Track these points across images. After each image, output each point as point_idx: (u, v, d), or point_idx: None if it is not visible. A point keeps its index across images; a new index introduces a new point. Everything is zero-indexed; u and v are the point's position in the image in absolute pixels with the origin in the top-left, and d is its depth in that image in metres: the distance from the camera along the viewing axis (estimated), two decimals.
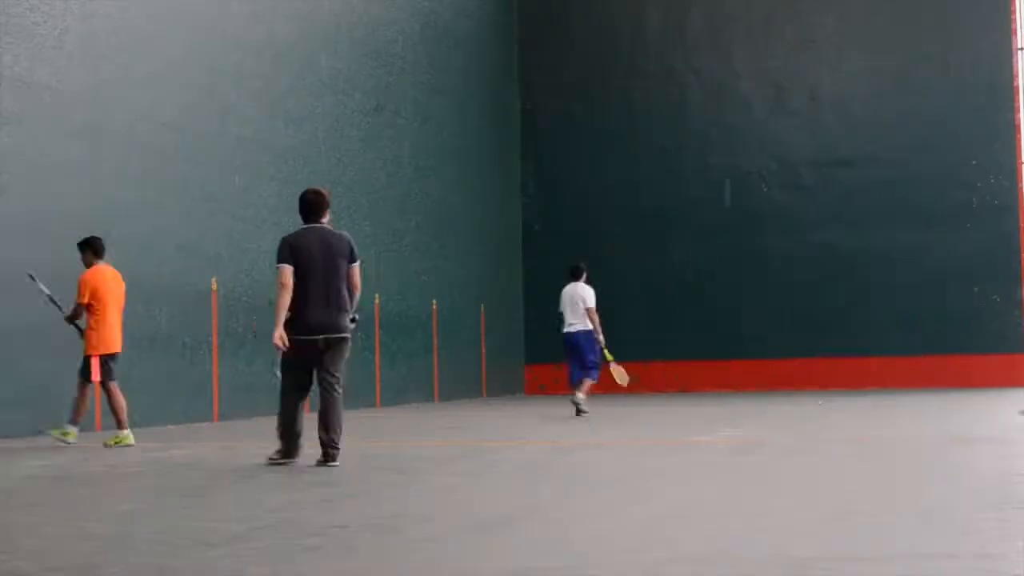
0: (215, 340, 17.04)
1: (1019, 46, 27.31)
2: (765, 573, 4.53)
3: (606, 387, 20.24)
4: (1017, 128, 27.02)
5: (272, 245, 18.26)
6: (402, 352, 22.42)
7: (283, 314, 9.34)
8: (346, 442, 9.77)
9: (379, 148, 21.95)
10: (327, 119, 20.26)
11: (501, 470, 9.02)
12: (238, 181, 17.78)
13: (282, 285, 9.35)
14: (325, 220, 9.61)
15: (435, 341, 23.69)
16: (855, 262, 26.93)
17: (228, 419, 17.00)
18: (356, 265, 9.58)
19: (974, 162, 27.06)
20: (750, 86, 28.23)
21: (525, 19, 29.33)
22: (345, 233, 9.67)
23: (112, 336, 12.47)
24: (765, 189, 27.97)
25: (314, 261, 9.35)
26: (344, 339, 9.52)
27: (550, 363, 28.75)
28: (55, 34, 14.41)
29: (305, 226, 9.57)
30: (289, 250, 9.40)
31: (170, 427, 15.30)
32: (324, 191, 9.80)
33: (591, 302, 17.53)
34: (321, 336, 9.38)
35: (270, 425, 15.06)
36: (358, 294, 9.60)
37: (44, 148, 14.23)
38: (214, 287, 17.04)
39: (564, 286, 18.08)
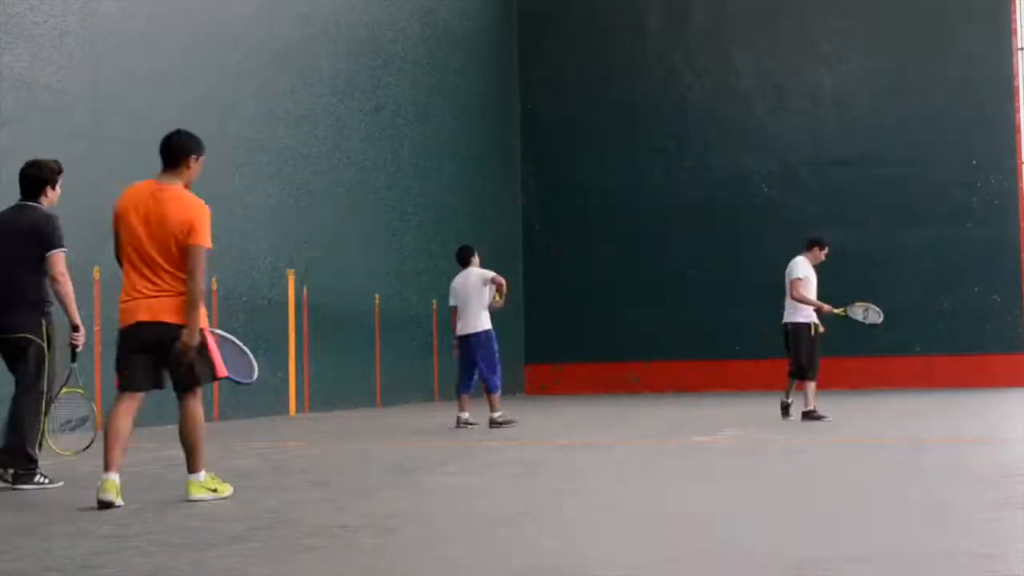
0: None
1: (1019, 46, 27.31)
2: (765, 573, 4.53)
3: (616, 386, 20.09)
4: (1017, 128, 27.02)
5: (272, 245, 18.33)
6: (402, 352, 22.42)
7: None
8: (346, 442, 9.75)
9: (379, 148, 21.96)
10: (327, 119, 20.26)
11: (501, 470, 9.01)
12: (238, 181, 17.78)
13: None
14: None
15: (435, 341, 23.69)
16: (855, 262, 26.93)
17: (228, 419, 17.00)
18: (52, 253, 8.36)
19: (974, 162, 27.07)
20: (750, 86, 28.24)
21: (525, 19, 29.33)
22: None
23: None
24: (765, 189, 27.98)
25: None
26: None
27: (550, 363, 28.79)
28: (55, 34, 14.41)
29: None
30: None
31: (170, 427, 15.28)
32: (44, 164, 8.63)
33: None
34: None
35: (271, 425, 15.09)
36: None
37: (44, 148, 14.22)
38: (214, 287, 17.04)
39: None
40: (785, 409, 14.89)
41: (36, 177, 8.53)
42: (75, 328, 8.49)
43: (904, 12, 27.78)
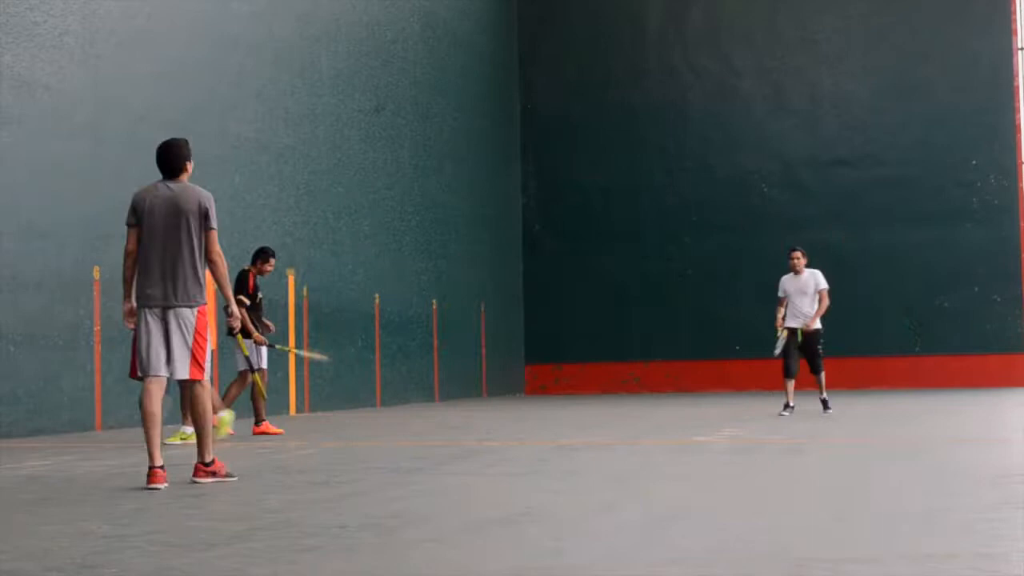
0: (215, 340, 17.03)
1: (1019, 46, 27.31)
2: (765, 573, 4.53)
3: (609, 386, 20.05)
4: (1017, 128, 27.02)
5: (272, 245, 18.31)
6: (402, 352, 22.42)
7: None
8: (346, 442, 9.74)
9: (379, 148, 21.95)
10: (327, 119, 20.26)
11: (501, 470, 9.01)
12: (238, 181, 17.78)
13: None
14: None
15: (435, 341, 23.69)
16: (855, 262, 26.92)
17: None
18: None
19: (974, 162, 27.07)
20: (750, 86, 28.23)
21: (525, 19, 29.33)
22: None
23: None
24: (765, 189, 27.97)
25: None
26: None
27: (550, 363, 28.79)
28: (55, 34, 14.41)
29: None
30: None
31: (170, 427, 15.28)
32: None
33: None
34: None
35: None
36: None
37: (44, 148, 14.23)
38: (214, 287, 17.03)
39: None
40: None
41: None
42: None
43: (904, 12, 27.78)
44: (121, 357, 15.06)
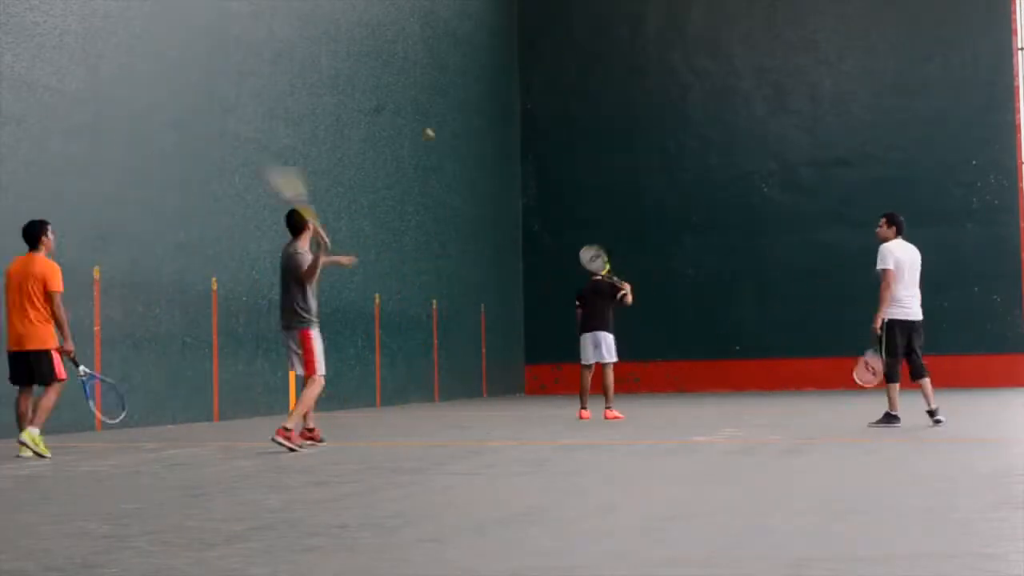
0: (215, 340, 17.04)
1: (1019, 46, 27.31)
2: (765, 573, 4.53)
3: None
4: (1017, 128, 27.02)
5: (272, 245, 18.31)
6: (402, 352, 22.41)
7: None
8: (346, 442, 9.73)
9: (379, 148, 21.96)
10: (327, 119, 20.26)
11: (501, 470, 9.01)
12: (238, 181, 17.78)
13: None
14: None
15: (435, 341, 23.69)
16: (855, 262, 26.90)
17: (228, 419, 16.99)
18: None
19: (974, 162, 27.07)
20: (750, 86, 28.24)
21: (525, 19, 29.34)
22: None
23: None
24: (765, 189, 27.97)
25: None
26: None
27: (550, 363, 28.78)
28: (55, 34, 14.41)
29: None
30: None
31: (170, 427, 15.29)
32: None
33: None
34: None
35: (271, 425, 15.11)
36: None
37: (44, 148, 14.23)
38: (214, 287, 17.03)
39: None
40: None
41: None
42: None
43: (904, 12, 27.79)
44: (121, 357, 15.05)
